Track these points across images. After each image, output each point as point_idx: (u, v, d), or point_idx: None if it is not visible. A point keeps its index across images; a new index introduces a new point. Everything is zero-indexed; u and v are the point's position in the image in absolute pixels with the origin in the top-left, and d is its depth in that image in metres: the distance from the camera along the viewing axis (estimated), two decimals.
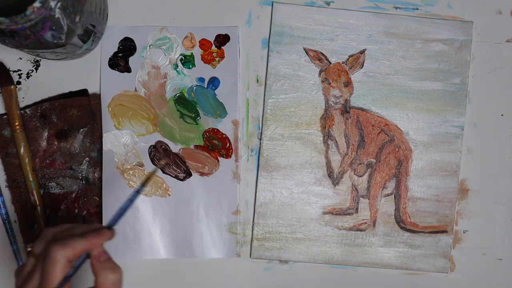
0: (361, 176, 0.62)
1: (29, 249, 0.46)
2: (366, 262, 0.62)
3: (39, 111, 0.61)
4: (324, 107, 0.62)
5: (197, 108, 0.62)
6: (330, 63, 0.62)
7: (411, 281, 0.63)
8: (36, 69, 0.61)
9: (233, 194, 0.62)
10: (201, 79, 0.62)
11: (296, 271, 0.63)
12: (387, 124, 0.62)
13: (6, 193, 0.62)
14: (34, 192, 0.60)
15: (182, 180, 0.62)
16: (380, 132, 0.62)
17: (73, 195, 0.62)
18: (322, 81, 0.62)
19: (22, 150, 0.60)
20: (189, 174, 0.62)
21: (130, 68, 0.61)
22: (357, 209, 0.62)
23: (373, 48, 0.62)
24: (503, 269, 0.63)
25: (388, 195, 0.62)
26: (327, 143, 0.62)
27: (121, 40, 0.61)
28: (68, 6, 0.49)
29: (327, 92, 0.62)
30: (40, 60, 0.61)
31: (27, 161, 0.60)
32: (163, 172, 0.62)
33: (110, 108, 0.61)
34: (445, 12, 0.62)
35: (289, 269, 0.63)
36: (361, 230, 0.62)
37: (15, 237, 0.61)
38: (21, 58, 0.61)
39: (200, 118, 0.62)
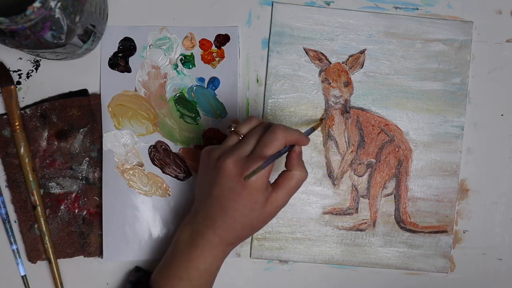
0: (361, 176, 0.62)
1: (232, 129, 0.52)
2: (366, 262, 0.62)
3: (39, 111, 0.61)
4: (324, 107, 0.62)
5: (197, 108, 0.62)
6: (330, 63, 0.62)
7: (411, 281, 0.63)
8: (36, 69, 0.62)
9: None
10: (201, 79, 0.62)
11: (296, 271, 0.63)
12: (387, 124, 0.62)
13: (6, 193, 0.62)
14: (34, 192, 0.60)
15: (182, 180, 0.62)
16: (380, 132, 0.62)
17: (73, 195, 0.62)
18: (322, 81, 0.62)
19: (22, 150, 0.60)
20: (189, 174, 0.62)
21: (130, 68, 0.61)
22: (357, 209, 0.62)
23: (373, 48, 0.62)
24: (503, 269, 0.63)
25: (388, 195, 0.62)
26: (327, 143, 0.62)
27: (121, 40, 0.61)
28: (68, 6, 0.49)
29: (327, 92, 0.62)
30: (40, 60, 0.61)
31: (27, 161, 0.60)
32: (163, 172, 0.62)
33: (110, 108, 0.61)
34: (445, 12, 0.62)
35: (289, 269, 0.63)
36: (361, 230, 0.62)
37: (15, 237, 0.61)
38: (21, 58, 0.61)
39: (200, 118, 0.62)
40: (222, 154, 0.50)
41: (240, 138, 0.52)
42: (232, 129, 0.52)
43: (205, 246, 0.51)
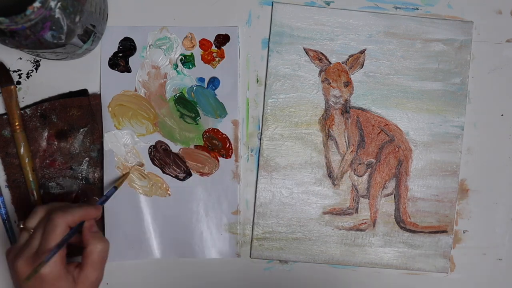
0: (361, 176, 0.62)
1: (21, 226, 0.52)
2: (366, 262, 0.62)
3: (39, 111, 0.61)
4: (324, 107, 0.62)
5: (197, 108, 0.62)
6: (330, 63, 0.62)
7: (411, 281, 0.63)
8: (36, 69, 0.61)
9: (233, 194, 0.62)
10: (201, 79, 0.62)
11: (296, 271, 0.63)
12: (387, 124, 0.62)
13: (6, 193, 0.62)
14: (34, 192, 0.60)
15: (182, 180, 0.62)
16: (380, 132, 0.62)
17: (73, 195, 0.62)
18: (322, 81, 0.62)
19: (22, 150, 0.60)
20: (189, 174, 0.62)
21: (130, 68, 0.61)
22: (357, 209, 0.62)
23: (373, 48, 0.62)
24: (503, 269, 0.63)
25: (388, 195, 0.62)
26: (327, 143, 0.62)
27: (121, 40, 0.61)
28: (68, 6, 0.49)
29: (327, 92, 0.62)
30: (40, 60, 0.61)
31: (27, 161, 0.60)
32: (163, 172, 0.62)
33: (110, 108, 0.61)
34: (445, 12, 0.62)
35: (289, 269, 0.63)
36: (361, 230, 0.62)
37: (15, 237, 0.61)
38: (21, 58, 0.61)
39: (200, 118, 0.62)
40: (15, 256, 0.49)
41: (30, 233, 0.51)
42: (21, 226, 0.51)
43: None
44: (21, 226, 0.51)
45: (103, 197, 0.57)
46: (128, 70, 0.61)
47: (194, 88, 0.62)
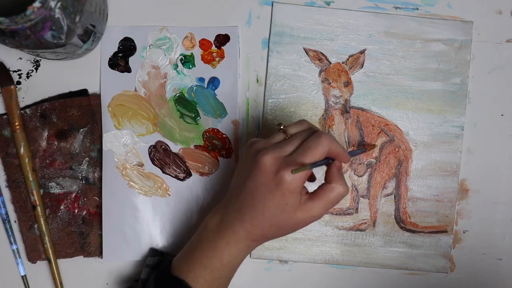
0: (361, 176, 0.62)
1: (281, 127, 0.51)
2: (366, 262, 0.62)
3: (39, 111, 0.61)
4: (324, 107, 0.62)
5: (197, 108, 0.62)
6: (330, 63, 0.62)
7: (411, 281, 0.63)
8: (36, 69, 0.62)
9: None
10: (201, 79, 0.62)
11: (296, 271, 0.63)
12: (387, 124, 0.62)
13: (6, 193, 0.62)
14: (34, 192, 0.60)
15: (182, 180, 0.62)
16: (380, 132, 0.62)
17: (73, 195, 0.62)
18: (322, 81, 0.62)
19: (22, 150, 0.60)
20: (189, 174, 0.62)
21: (130, 68, 0.61)
22: (357, 209, 0.62)
23: (373, 48, 0.62)
24: (503, 269, 0.63)
25: (388, 195, 0.62)
26: None
27: (121, 40, 0.61)
28: (68, 6, 0.49)
29: (327, 92, 0.62)
30: (40, 60, 0.61)
31: (27, 161, 0.60)
32: (163, 172, 0.62)
33: (110, 108, 0.61)
34: (445, 12, 0.62)
35: (289, 269, 0.63)
36: (361, 230, 0.62)
37: (15, 237, 0.61)
38: (21, 58, 0.61)
39: (200, 118, 0.62)
40: (263, 149, 0.49)
41: (287, 138, 0.50)
42: (282, 127, 0.51)
43: (231, 238, 0.50)
44: (281, 127, 0.51)
45: (358, 150, 0.57)
46: (128, 70, 0.61)
47: (194, 88, 0.62)
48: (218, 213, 0.51)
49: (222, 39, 0.61)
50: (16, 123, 0.60)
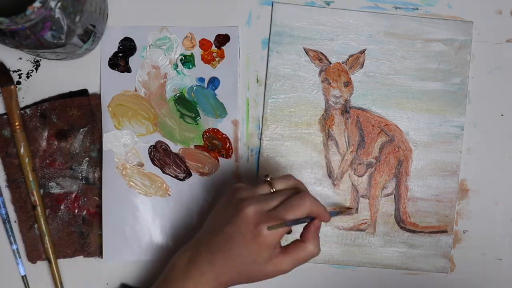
0: (361, 176, 0.62)
1: (268, 179, 0.52)
2: (366, 262, 0.62)
3: (39, 111, 0.61)
4: (324, 107, 0.62)
5: (197, 108, 0.62)
6: (330, 63, 0.62)
7: (411, 281, 0.63)
8: (36, 69, 0.62)
9: None
10: (201, 79, 0.62)
11: (296, 271, 0.62)
12: (387, 124, 0.62)
13: (6, 193, 0.62)
14: (34, 192, 0.60)
15: (182, 180, 0.62)
16: (380, 132, 0.62)
17: (73, 195, 0.62)
18: (322, 81, 0.62)
19: (22, 150, 0.60)
20: (189, 174, 0.62)
21: (130, 68, 0.61)
22: (357, 209, 0.62)
23: (373, 48, 0.62)
24: (503, 269, 0.63)
25: (388, 195, 0.62)
26: (327, 143, 0.62)
27: (121, 40, 0.61)
28: (68, 6, 0.49)
29: (327, 92, 0.62)
30: (40, 60, 0.61)
31: (27, 161, 0.60)
32: (163, 172, 0.62)
33: (110, 108, 0.61)
34: (445, 12, 0.62)
35: None
36: (361, 230, 0.62)
37: (15, 237, 0.61)
38: (21, 58, 0.61)
39: (200, 118, 0.62)
40: (247, 199, 0.50)
41: (272, 191, 0.51)
42: (268, 179, 0.52)
43: (199, 280, 0.50)
44: (268, 179, 0.52)
45: (336, 211, 0.58)
46: (128, 70, 0.61)
47: (194, 88, 0.62)
48: (188, 252, 0.51)
49: (222, 39, 0.61)
50: (16, 123, 0.60)
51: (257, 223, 0.48)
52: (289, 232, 0.56)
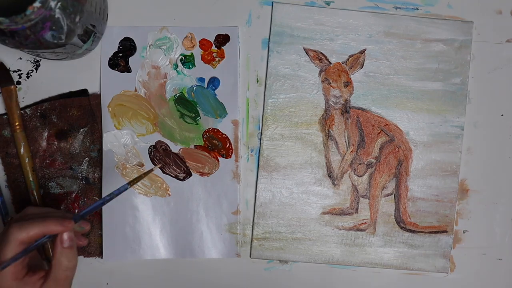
0: (361, 176, 0.62)
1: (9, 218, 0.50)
2: (366, 262, 0.62)
3: (39, 111, 0.61)
4: (324, 107, 0.62)
5: (197, 108, 0.62)
6: (330, 63, 0.62)
7: (411, 281, 0.63)
8: (36, 69, 0.62)
9: (233, 194, 0.62)
10: (201, 79, 0.62)
11: (296, 271, 0.63)
12: (387, 124, 0.62)
13: (6, 193, 0.62)
14: (34, 192, 0.60)
15: (182, 180, 0.62)
16: (380, 132, 0.62)
17: (73, 195, 0.62)
18: (322, 81, 0.62)
19: (22, 150, 0.60)
20: (189, 174, 0.62)
21: (130, 68, 0.61)
22: (357, 209, 0.62)
23: (373, 48, 0.62)
24: (503, 269, 0.63)
25: (388, 195, 0.62)
26: (327, 143, 0.62)
27: (121, 40, 0.61)
28: (68, 6, 0.49)
29: (327, 92, 0.62)
30: (40, 60, 0.61)
31: (27, 161, 0.60)
32: (163, 172, 0.62)
33: (110, 108, 0.61)
34: (445, 12, 0.62)
35: (289, 269, 0.63)
36: (361, 230, 0.62)
37: None
38: (21, 58, 0.61)
39: (200, 118, 0.62)
40: None
41: None
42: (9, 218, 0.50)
43: None
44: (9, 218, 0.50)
45: (89, 209, 0.51)
46: (128, 70, 0.61)
47: (194, 88, 0.62)
48: None
49: (222, 39, 0.61)
50: (16, 123, 0.60)
51: None
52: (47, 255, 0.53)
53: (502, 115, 0.63)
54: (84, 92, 0.62)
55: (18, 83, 0.61)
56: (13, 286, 0.47)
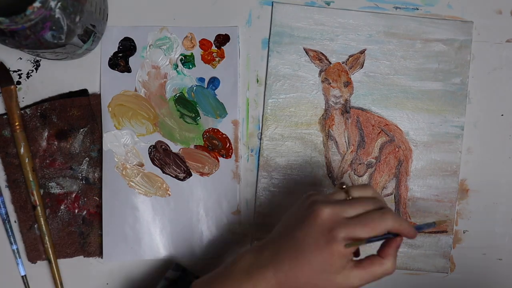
0: (361, 176, 0.62)
1: (344, 186, 0.48)
2: None
3: (39, 111, 0.61)
4: (324, 107, 0.62)
5: (197, 108, 0.62)
6: (330, 63, 0.62)
7: (411, 281, 0.63)
8: (36, 69, 0.62)
9: (233, 194, 0.62)
10: (201, 79, 0.62)
11: None
12: (387, 124, 0.62)
13: (6, 193, 0.62)
14: (34, 192, 0.60)
15: (182, 180, 0.62)
16: (380, 132, 0.62)
17: (73, 195, 0.62)
18: (322, 81, 0.62)
19: (22, 150, 0.60)
20: (189, 174, 0.62)
21: (130, 68, 0.61)
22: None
23: (373, 48, 0.62)
24: (503, 269, 0.63)
25: (388, 195, 0.62)
26: (327, 143, 0.62)
27: (121, 40, 0.61)
28: (68, 6, 0.49)
29: (327, 92, 0.62)
30: (40, 60, 0.61)
31: (27, 161, 0.60)
32: (163, 172, 0.62)
33: (110, 108, 0.61)
34: (445, 12, 0.62)
35: None
36: None
37: (15, 237, 0.61)
38: (21, 58, 0.61)
39: (200, 118, 0.62)
40: (323, 202, 0.46)
41: (348, 199, 0.47)
42: (344, 186, 0.48)
43: (259, 283, 0.46)
44: (344, 186, 0.48)
45: (426, 224, 0.50)
46: (128, 70, 0.61)
47: (194, 88, 0.62)
48: (253, 253, 0.48)
49: (222, 39, 0.61)
50: (16, 123, 0.60)
51: (332, 228, 0.44)
52: (357, 255, 0.51)
53: (502, 115, 0.63)
54: (84, 92, 0.62)
55: (18, 83, 0.61)
56: (347, 254, 0.45)
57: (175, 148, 0.62)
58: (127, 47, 0.61)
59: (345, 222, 0.45)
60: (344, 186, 0.48)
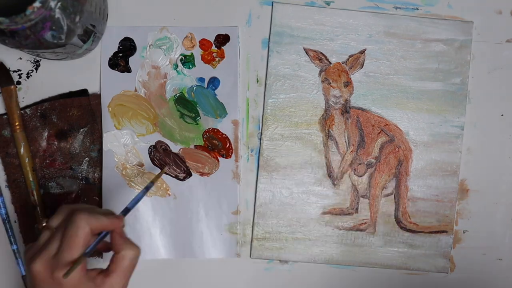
0: (361, 176, 0.62)
1: (43, 224, 0.48)
2: (366, 262, 0.62)
3: (39, 111, 0.61)
4: (324, 107, 0.62)
5: (197, 108, 0.62)
6: (330, 63, 0.62)
7: (411, 281, 0.63)
8: (36, 69, 0.62)
9: (233, 194, 0.62)
10: (201, 79, 0.62)
11: (296, 271, 0.63)
12: (387, 124, 0.62)
13: (6, 193, 0.62)
14: (34, 192, 0.60)
15: (182, 180, 0.62)
16: (380, 132, 0.62)
17: (73, 195, 0.62)
18: (322, 81, 0.62)
19: (22, 150, 0.60)
20: (189, 174, 0.62)
21: (130, 68, 0.61)
22: (357, 209, 0.62)
23: (373, 48, 0.62)
24: (503, 269, 0.63)
25: (388, 195, 0.62)
26: (327, 143, 0.62)
27: (121, 40, 0.61)
28: (68, 6, 0.49)
29: (327, 92, 0.62)
30: (40, 60, 0.61)
31: (27, 161, 0.60)
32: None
33: (110, 108, 0.61)
34: (445, 12, 0.62)
35: (289, 269, 0.63)
36: (361, 230, 0.62)
37: (15, 237, 0.61)
38: (21, 58, 0.61)
39: (200, 118, 0.62)
40: (32, 256, 0.46)
41: (53, 231, 0.47)
42: (43, 224, 0.48)
43: None
44: (43, 224, 0.48)
45: (127, 207, 0.52)
46: (128, 70, 0.61)
47: (194, 88, 0.62)
48: None
49: (222, 39, 0.61)
50: (16, 123, 0.60)
51: (51, 273, 0.44)
52: (107, 250, 0.51)
53: (502, 115, 0.63)
54: (84, 92, 0.62)
55: (18, 83, 0.61)
56: (82, 281, 0.45)
57: (175, 148, 0.62)
58: (127, 47, 0.61)
59: (56, 260, 0.44)
60: (43, 224, 0.48)
